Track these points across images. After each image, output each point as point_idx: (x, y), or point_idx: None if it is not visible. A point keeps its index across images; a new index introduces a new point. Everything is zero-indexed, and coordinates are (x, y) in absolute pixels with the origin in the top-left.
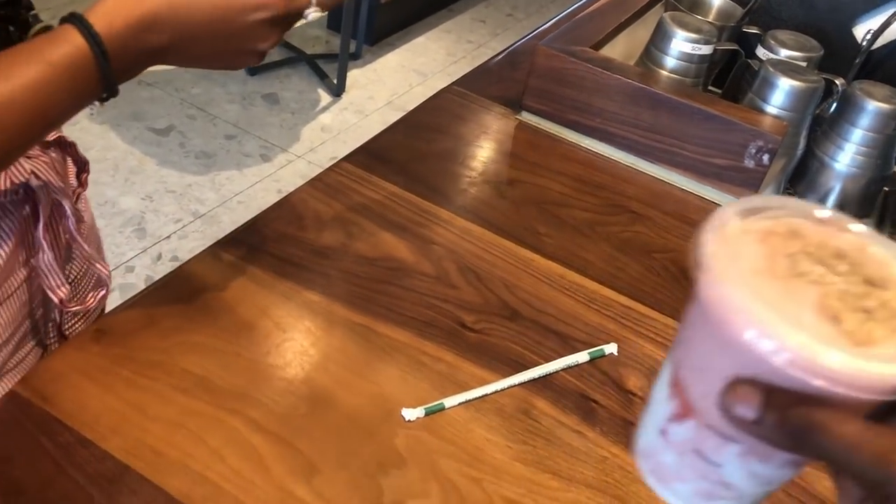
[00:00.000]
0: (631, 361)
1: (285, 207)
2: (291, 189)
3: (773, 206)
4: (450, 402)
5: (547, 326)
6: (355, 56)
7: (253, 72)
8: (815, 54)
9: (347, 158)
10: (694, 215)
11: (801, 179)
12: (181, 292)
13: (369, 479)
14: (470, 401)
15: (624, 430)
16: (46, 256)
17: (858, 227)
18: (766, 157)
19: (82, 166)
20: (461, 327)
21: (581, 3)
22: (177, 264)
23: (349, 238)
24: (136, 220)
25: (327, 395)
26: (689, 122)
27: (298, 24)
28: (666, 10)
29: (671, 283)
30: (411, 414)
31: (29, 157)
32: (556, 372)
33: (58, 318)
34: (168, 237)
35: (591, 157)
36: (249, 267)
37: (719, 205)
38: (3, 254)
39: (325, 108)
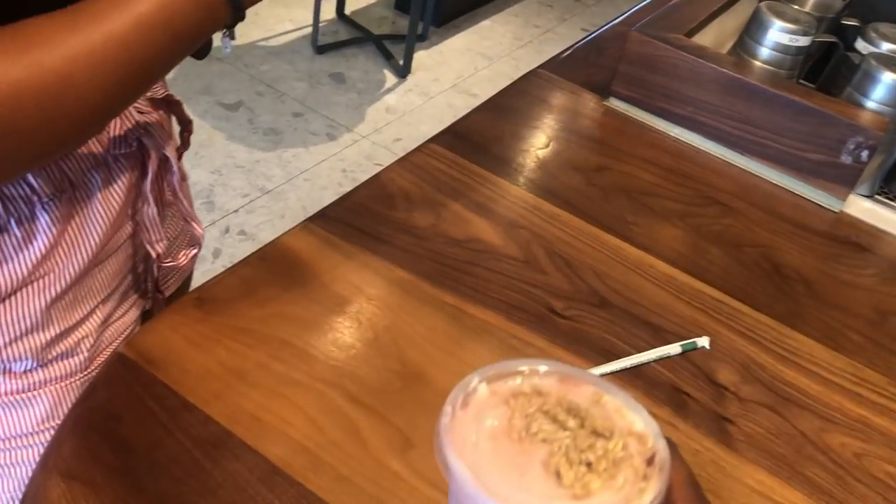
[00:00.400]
0: (723, 355)
1: (375, 186)
2: (356, 169)
3: (521, 367)
4: None
5: (638, 316)
6: (421, 37)
7: (321, 50)
8: None
9: (434, 140)
10: (785, 210)
11: None
12: (277, 264)
13: None
14: None
15: (716, 424)
16: (151, 210)
17: (597, 380)
18: (864, 154)
19: (185, 125)
20: (551, 313)
21: None
22: (244, 239)
23: (437, 219)
24: (206, 192)
25: (420, 371)
26: (784, 114)
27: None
28: (762, 0)
29: (763, 279)
30: None
31: (141, 113)
32: (648, 363)
33: (155, 273)
34: (236, 211)
35: (680, 147)
36: (342, 242)
37: (811, 201)
38: (115, 206)
39: (391, 89)
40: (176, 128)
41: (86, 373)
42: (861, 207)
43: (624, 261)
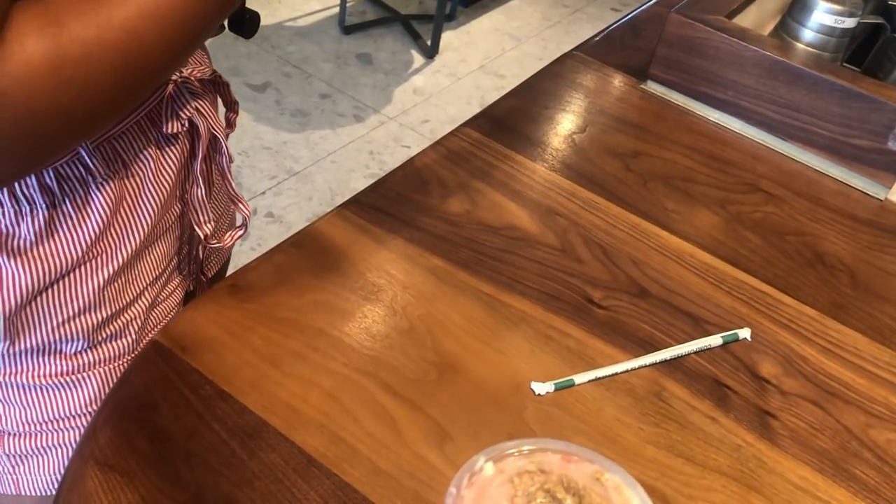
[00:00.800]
0: (764, 348)
1: (409, 171)
2: (383, 151)
3: (526, 447)
4: (579, 378)
5: (677, 307)
6: (449, 18)
7: (348, 31)
8: None
9: (468, 124)
10: (829, 198)
11: None
12: (311, 251)
13: None
14: (600, 379)
15: (758, 418)
16: (200, 191)
17: (598, 458)
18: None
19: (231, 107)
20: (588, 303)
21: None
22: (271, 221)
23: (473, 206)
24: (233, 174)
25: (456, 362)
26: (829, 99)
27: None
28: None
29: (805, 269)
30: (541, 388)
31: (192, 93)
32: (688, 355)
33: (200, 255)
34: (263, 193)
35: (720, 132)
36: (376, 229)
37: (856, 188)
38: (167, 186)
39: (418, 70)
40: (222, 109)
41: (133, 355)
42: None
43: (663, 249)
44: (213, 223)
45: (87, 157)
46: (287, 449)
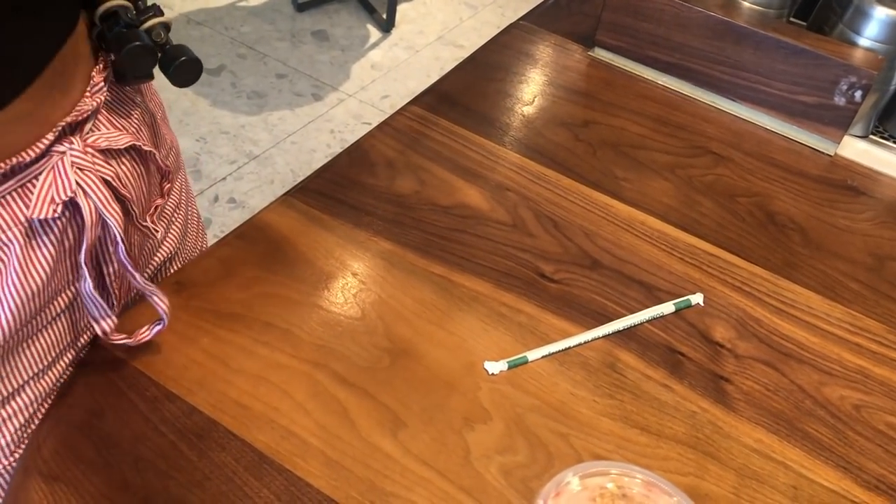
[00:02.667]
0: (718, 312)
1: (356, 154)
2: (343, 129)
3: (613, 469)
4: (532, 355)
5: (629, 276)
6: None
7: (301, 8)
8: None
9: (415, 101)
10: (779, 156)
11: (891, 117)
12: (257, 242)
13: (455, 434)
14: (553, 354)
15: (713, 384)
16: (87, 285)
17: (678, 492)
18: (858, 94)
19: (165, 175)
20: (540, 277)
21: None
22: (234, 207)
23: (422, 185)
24: (192, 161)
25: (409, 347)
26: (775, 57)
27: None
28: None
29: (757, 229)
30: (494, 367)
31: (81, 169)
32: (641, 324)
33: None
34: (224, 179)
35: (669, 96)
36: (323, 216)
37: (805, 145)
38: (39, 279)
39: (375, 45)
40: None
41: (12, 457)
42: (856, 149)
43: (614, 219)
44: (112, 319)
45: None
46: (237, 447)
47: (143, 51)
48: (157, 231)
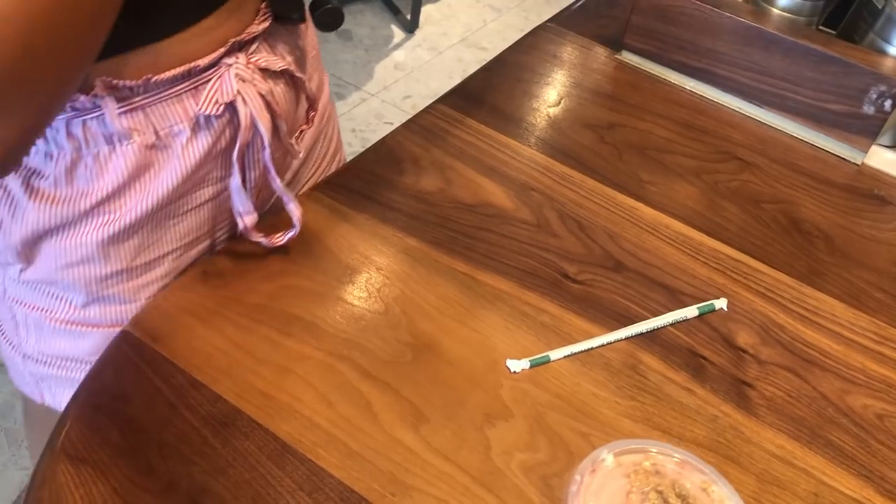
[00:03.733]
0: (741, 317)
1: (382, 151)
2: (365, 129)
3: (646, 447)
4: (555, 354)
5: (653, 279)
6: None
7: None
8: None
9: (442, 100)
10: (805, 164)
11: None
12: None
13: (476, 431)
14: (575, 354)
15: (735, 388)
16: (236, 180)
17: (710, 470)
18: (888, 104)
19: (312, 104)
20: (564, 278)
21: None
22: None
23: (447, 183)
24: None
25: (432, 342)
26: (804, 64)
27: None
28: None
29: (781, 236)
30: (516, 365)
31: (243, 80)
32: (664, 327)
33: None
34: None
35: (696, 101)
36: (349, 211)
37: (832, 153)
38: (191, 164)
39: (399, 45)
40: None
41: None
42: (883, 159)
43: (638, 221)
44: (253, 215)
45: (116, 119)
46: (261, 436)
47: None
48: (298, 151)
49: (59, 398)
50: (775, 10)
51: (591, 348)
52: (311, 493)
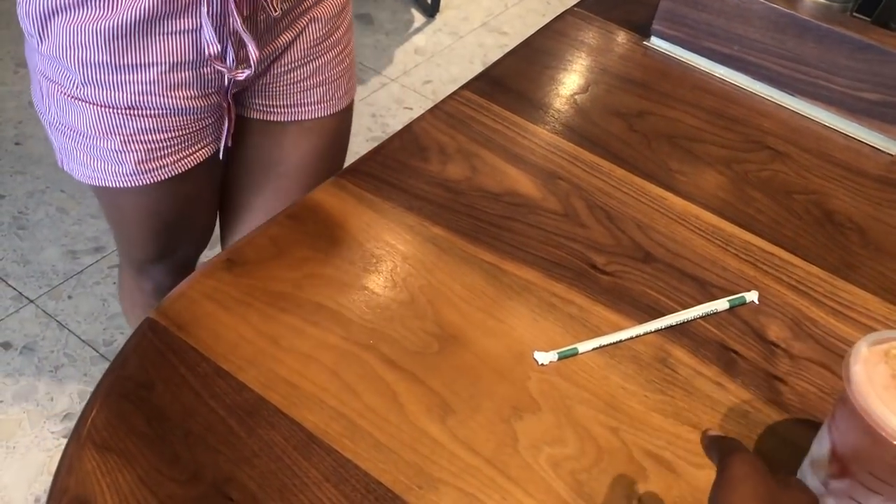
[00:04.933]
0: (772, 310)
1: (408, 137)
2: (385, 114)
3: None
4: (583, 347)
5: (682, 270)
6: None
7: None
8: None
9: (467, 86)
10: (838, 154)
11: None
12: (307, 222)
13: (503, 423)
14: (604, 346)
15: (766, 383)
16: (203, 9)
17: None
18: None
19: None
20: (592, 269)
21: None
22: None
23: (473, 171)
24: None
25: (458, 333)
26: (838, 52)
27: None
28: None
29: (814, 227)
30: (544, 357)
31: None
32: (694, 319)
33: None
34: None
35: (726, 89)
36: (374, 199)
37: (866, 143)
38: None
39: (419, 30)
40: None
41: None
42: None
43: (668, 211)
44: (217, 46)
45: None
46: (286, 426)
47: None
48: (274, 10)
49: (70, 167)
50: None
51: (620, 341)
52: (338, 484)
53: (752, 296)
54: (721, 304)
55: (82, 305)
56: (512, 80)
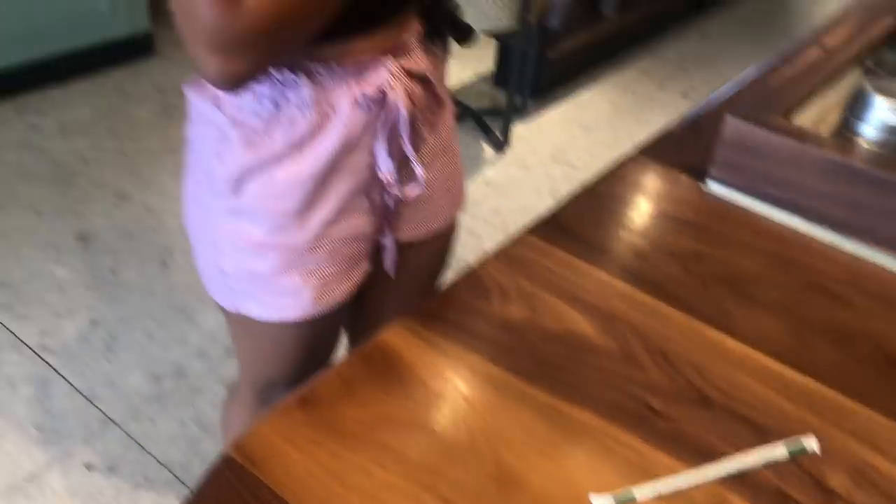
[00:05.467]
0: (833, 458)
1: (471, 279)
2: (455, 243)
3: None
4: (640, 492)
5: (741, 415)
6: (520, 110)
7: None
8: None
9: (532, 232)
10: None
11: None
12: (376, 362)
13: None
14: (662, 494)
15: None
16: (380, 144)
17: None
18: None
19: (440, 103)
20: (649, 411)
21: (764, 64)
22: None
23: (533, 312)
24: None
25: (515, 475)
26: (893, 196)
27: None
28: (865, 74)
29: (876, 373)
30: (601, 501)
31: (393, 76)
32: (754, 469)
33: (388, 204)
34: None
35: (784, 232)
36: (438, 339)
37: None
38: (349, 129)
39: (489, 162)
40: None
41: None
42: None
43: (726, 355)
44: (392, 171)
45: (301, 87)
46: None
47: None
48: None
49: (247, 308)
50: (863, 143)
51: (679, 489)
52: None
53: (811, 443)
54: (780, 452)
55: (163, 428)
56: (574, 223)
